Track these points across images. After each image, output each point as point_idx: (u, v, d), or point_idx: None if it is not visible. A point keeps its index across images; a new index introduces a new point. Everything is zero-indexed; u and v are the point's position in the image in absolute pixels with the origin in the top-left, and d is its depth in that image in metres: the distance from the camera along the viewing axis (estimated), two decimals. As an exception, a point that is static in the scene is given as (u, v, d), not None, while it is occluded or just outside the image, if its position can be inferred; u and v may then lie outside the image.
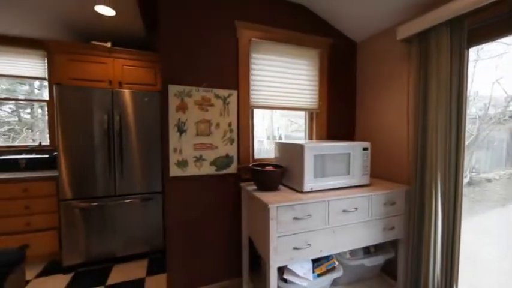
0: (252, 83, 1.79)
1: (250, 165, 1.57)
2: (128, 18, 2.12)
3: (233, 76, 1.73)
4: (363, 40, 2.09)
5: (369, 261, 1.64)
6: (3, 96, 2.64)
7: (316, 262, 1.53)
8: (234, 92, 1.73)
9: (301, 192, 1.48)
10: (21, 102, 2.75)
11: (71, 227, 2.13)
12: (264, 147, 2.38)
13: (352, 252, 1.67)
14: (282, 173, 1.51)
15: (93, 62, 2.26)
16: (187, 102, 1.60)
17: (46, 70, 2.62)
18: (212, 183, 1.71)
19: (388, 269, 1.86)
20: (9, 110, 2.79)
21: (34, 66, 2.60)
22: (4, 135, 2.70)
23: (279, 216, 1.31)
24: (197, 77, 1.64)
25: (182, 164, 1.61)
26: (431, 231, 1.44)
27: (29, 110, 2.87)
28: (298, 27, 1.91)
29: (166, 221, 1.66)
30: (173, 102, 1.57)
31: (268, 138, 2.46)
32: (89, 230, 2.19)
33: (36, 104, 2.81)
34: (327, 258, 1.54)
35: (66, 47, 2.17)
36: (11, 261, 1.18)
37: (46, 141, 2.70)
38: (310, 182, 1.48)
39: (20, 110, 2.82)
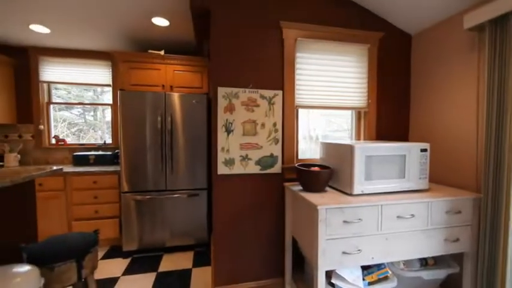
0: (297, 82, 1.78)
1: (296, 165, 1.56)
2: (180, 27, 2.29)
3: (278, 76, 1.75)
4: (419, 32, 1.91)
5: (427, 275, 1.49)
6: (75, 101, 3.09)
7: (366, 269, 1.45)
8: (279, 92, 1.74)
9: (351, 194, 1.42)
10: (87, 106, 3.18)
11: (128, 216, 2.40)
12: (300, 147, 2.34)
13: (407, 263, 1.53)
14: (330, 174, 1.47)
15: (149, 68, 2.51)
16: (235, 103, 1.67)
17: (110, 77, 2.99)
18: (256, 182, 1.75)
19: (450, 285, 1.66)
20: (78, 113, 3.24)
21: (101, 74, 2.99)
22: (74, 134, 3.15)
23: (328, 218, 1.28)
24: (244, 79, 1.69)
25: (229, 162, 1.68)
26: (507, 247, 1.25)
27: (92, 113, 3.30)
28: (346, 23, 1.84)
29: (213, 216, 1.75)
30: (221, 104, 1.65)
31: (304, 138, 2.42)
32: (143, 220, 2.43)
33: (99, 108, 3.22)
34: (379, 266, 1.44)
35: (127, 56, 2.45)
36: (89, 243, 1.37)
37: (109, 140, 3.08)
38: (360, 185, 1.41)
39: (85, 113, 3.26)
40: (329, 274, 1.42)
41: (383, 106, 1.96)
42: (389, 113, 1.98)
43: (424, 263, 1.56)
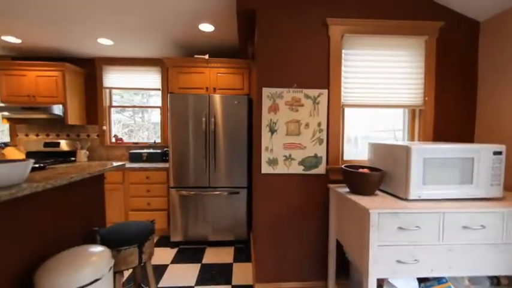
0: (343, 80, 1.71)
1: (343, 166, 1.50)
2: (224, 31, 2.39)
3: (323, 75, 1.70)
4: (490, 18, 1.67)
5: (500, 295, 1.30)
6: (127, 104, 3.45)
7: (424, 282, 1.33)
8: (325, 91, 1.69)
9: (406, 199, 1.32)
10: (137, 108, 3.51)
11: (175, 210, 2.59)
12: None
13: (474, 280, 1.36)
14: (381, 177, 1.38)
15: (195, 72, 2.67)
16: (279, 103, 1.68)
17: (160, 82, 3.26)
18: (299, 182, 1.74)
19: (528, 311, 1.42)
20: (128, 115, 3.60)
21: (152, 79, 3.29)
22: (126, 134, 3.51)
23: (381, 223, 1.20)
24: (288, 79, 1.69)
25: (273, 162, 1.70)
26: None
27: (140, 115, 3.63)
28: (398, 14, 1.71)
29: (254, 214, 1.79)
30: (266, 104, 1.68)
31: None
32: (187, 214, 2.60)
33: (148, 110, 3.53)
34: (439, 280, 1.31)
35: (176, 62, 2.65)
36: (148, 231, 1.52)
37: (158, 140, 3.36)
38: (417, 189, 1.29)
39: (134, 115, 3.60)
40: (380, 282, 1.33)
41: (442, 103, 1.76)
42: (450, 111, 1.77)
43: (496, 281, 1.37)
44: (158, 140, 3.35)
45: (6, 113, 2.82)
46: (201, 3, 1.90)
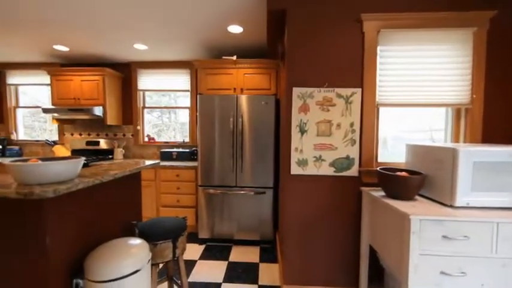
0: (379, 78, 1.63)
1: (379, 169, 1.43)
2: (252, 32, 2.41)
3: (357, 73, 1.64)
4: (554, 4, 1.48)
5: None
6: (155, 105, 3.63)
7: (472, 297, 1.21)
8: (358, 90, 1.63)
9: (451, 206, 1.21)
10: (164, 109, 3.67)
11: (203, 207, 2.67)
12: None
13: (533, 299, 1.21)
14: (422, 181, 1.29)
15: (223, 73, 2.73)
16: (309, 103, 1.65)
17: (189, 83, 3.39)
18: (330, 184, 1.69)
19: None
20: (156, 116, 3.78)
21: (181, 81, 3.42)
22: (155, 134, 3.69)
23: (422, 231, 1.12)
24: (319, 78, 1.65)
25: (302, 163, 1.67)
26: None
27: (167, 115, 3.78)
28: (441, 4, 1.58)
29: (281, 215, 1.78)
30: (296, 104, 1.66)
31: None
32: (215, 212, 2.66)
33: (175, 111, 3.68)
34: (491, 296, 1.19)
35: (205, 64, 2.72)
36: (181, 227, 1.59)
37: (187, 139, 3.50)
38: (465, 196, 1.18)
39: (162, 116, 3.77)
40: (420, 294, 1.25)
41: (493, 102, 1.60)
42: (503, 110, 1.60)
43: (561, 303, 1.20)
44: (187, 140, 3.48)
45: (56, 114, 3.13)
46: (231, 5, 1.93)
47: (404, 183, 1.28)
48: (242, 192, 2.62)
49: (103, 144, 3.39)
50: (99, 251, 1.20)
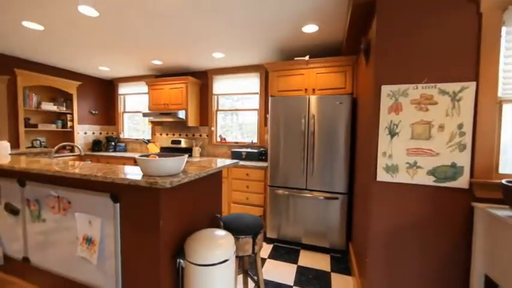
0: (503, 68, 1.30)
1: (504, 181, 1.14)
2: (328, 30, 2.32)
3: (469, 64, 1.35)
4: None
5: None
6: (222, 108, 3.88)
7: None
8: (471, 85, 1.34)
9: None
10: (230, 111, 3.89)
11: (271, 208, 2.71)
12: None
13: None
14: None
15: (294, 75, 2.72)
16: (402, 102, 1.46)
17: (258, 86, 3.52)
18: (428, 195, 1.45)
19: None
20: (221, 118, 4.02)
21: (251, 84, 3.59)
22: (223, 134, 3.94)
23: None
24: (416, 73, 1.44)
25: (391, 169, 1.49)
26: None
27: (230, 117, 3.97)
28: None
29: (365, 225, 1.62)
30: (385, 104, 1.49)
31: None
32: (282, 213, 2.67)
33: (237, 112, 3.86)
34: None
35: (277, 66, 2.77)
36: (259, 225, 1.64)
37: (255, 140, 3.64)
38: None
39: (226, 118, 3.98)
40: None
41: None
42: None
43: None
44: (255, 140, 3.63)
45: (151, 118, 3.75)
46: (311, 4, 1.90)
47: (552, 203, 0.98)
48: (312, 195, 2.54)
49: (183, 143, 3.87)
50: (196, 237, 1.35)
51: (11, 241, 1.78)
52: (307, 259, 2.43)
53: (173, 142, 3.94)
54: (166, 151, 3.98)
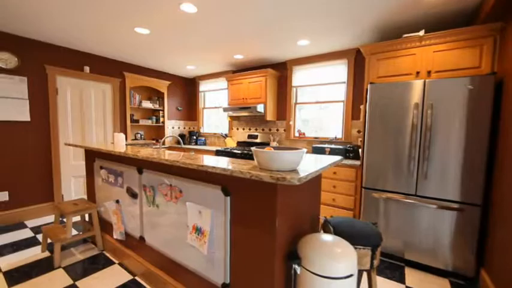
0: None
1: None
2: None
3: None
4: None
5: None
6: (311, 100, 3.61)
7: None
8: None
9: None
10: (310, 104, 3.58)
11: (366, 212, 2.34)
12: None
13: None
14: None
15: (401, 55, 2.24)
16: None
17: (346, 74, 3.14)
18: None
19: None
20: (298, 111, 3.72)
21: (335, 73, 3.23)
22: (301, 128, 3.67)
23: None
24: None
25: None
26: None
27: (309, 110, 3.64)
28: None
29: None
30: None
31: None
32: (380, 219, 2.26)
33: (313, 105, 3.52)
34: None
35: (377, 48, 2.35)
36: (378, 236, 1.36)
37: (339, 135, 3.28)
38: None
39: (300, 111, 3.67)
40: None
41: None
42: None
43: None
44: (339, 136, 3.27)
45: (230, 113, 3.85)
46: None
47: None
48: (424, 204, 2.06)
49: (260, 137, 3.84)
50: (311, 242, 1.18)
51: (130, 221, 2.02)
52: (416, 280, 1.99)
53: (249, 137, 3.96)
54: (242, 145, 4.04)
